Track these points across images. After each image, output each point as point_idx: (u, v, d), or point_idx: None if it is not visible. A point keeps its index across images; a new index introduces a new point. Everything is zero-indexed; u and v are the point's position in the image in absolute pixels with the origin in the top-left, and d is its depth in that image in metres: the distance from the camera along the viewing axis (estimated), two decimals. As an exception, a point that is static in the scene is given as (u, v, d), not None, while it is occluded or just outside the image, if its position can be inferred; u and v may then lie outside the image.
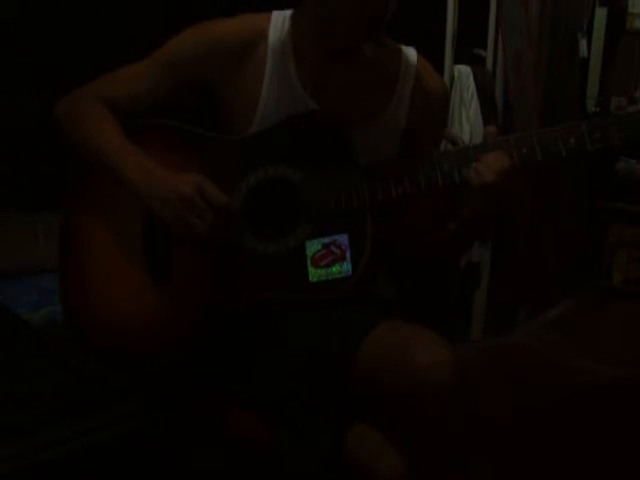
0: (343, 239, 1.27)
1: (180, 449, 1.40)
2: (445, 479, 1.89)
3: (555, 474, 2.07)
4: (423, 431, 1.19)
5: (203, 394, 1.36)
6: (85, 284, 1.38)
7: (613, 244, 3.74)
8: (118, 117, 1.37)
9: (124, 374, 1.44)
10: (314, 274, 1.26)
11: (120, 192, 1.33)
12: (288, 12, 1.38)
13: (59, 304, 1.41)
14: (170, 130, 1.40)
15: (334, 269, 1.26)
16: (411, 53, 1.41)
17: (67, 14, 1.98)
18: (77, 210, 1.42)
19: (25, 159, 1.91)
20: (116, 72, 1.41)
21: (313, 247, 1.27)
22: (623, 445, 2.22)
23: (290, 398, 1.24)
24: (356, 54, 1.35)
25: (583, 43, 3.31)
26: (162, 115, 1.40)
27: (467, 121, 2.75)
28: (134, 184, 1.29)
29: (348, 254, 1.26)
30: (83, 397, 1.27)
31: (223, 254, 1.31)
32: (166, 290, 1.33)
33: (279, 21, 1.37)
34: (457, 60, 2.78)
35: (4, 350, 1.36)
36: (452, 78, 2.75)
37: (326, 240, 1.27)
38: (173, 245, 1.34)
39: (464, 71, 2.78)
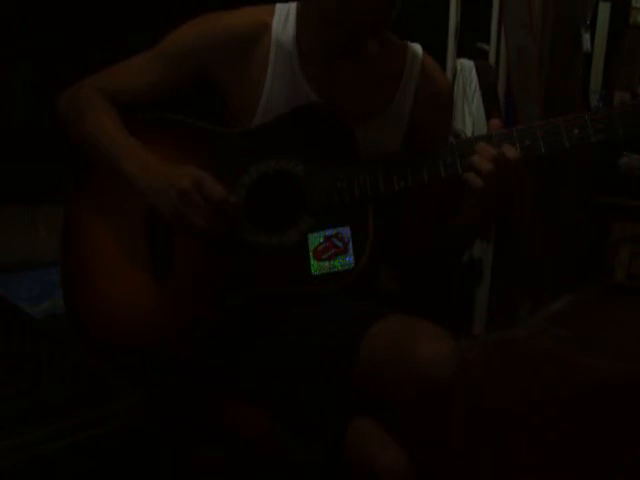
0: (346, 232, 1.26)
1: (180, 448, 1.40)
2: (447, 474, 1.89)
3: (557, 469, 2.07)
4: (425, 426, 1.19)
5: (203, 391, 1.36)
6: (86, 279, 1.38)
7: (616, 239, 3.74)
8: (120, 110, 1.36)
9: (124, 369, 1.43)
10: (316, 267, 1.26)
11: (121, 186, 1.33)
12: (292, 5, 1.37)
13: (60, 298, 1.40)
14: (172, 123, 1.39)
15: (336, 262, 1.25)
16: (416, 50, 1.40)
17: (68, 10, 1.97)
18: (78, 204, 1.42)
19: (25, 152, 1.90)
20: (119, 65, 1.40)
21: (315, 240, 1.27)
22: (625, 440, 2.22)
23: (291, 393, 1.24)
24: (361, 50, 1.34)
25: (586, 37, 3.30)
26: (164, 108, 1.40)
27: (470, 115, 2.74)
28: (134, 177, 1.29)
29: (351, 247, 1.25)
30: (83, 391, 1.26)
31: (225, 248, 1.31)
32: (167, 285, 1.33)
33: (283, 14, 1.36)
34: (460, 54, 2.77)
35: (3, 343, 1.35)
36: (455, 72, 2.74)
37: (328, 233, 1.26)
38: (174, 239, 1.33)
39: (467, 65, 2.78)
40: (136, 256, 1.35)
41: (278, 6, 1.38)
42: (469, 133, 2.69)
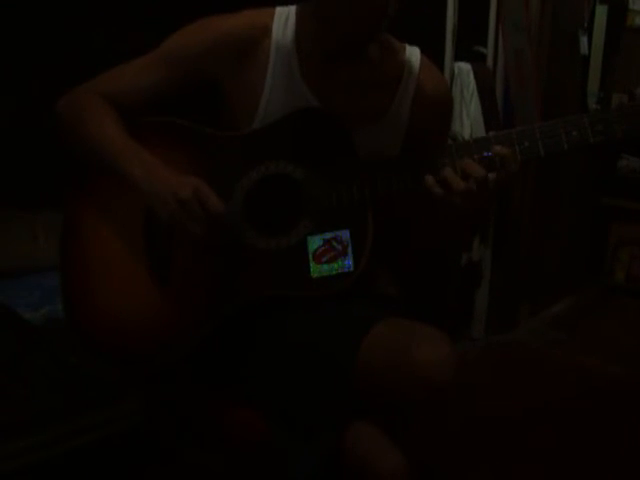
0: (345, 234, 1.26)
1: (179, 449, 1.39)
2: (445, 477, 1.88)
3: (558, 472, 2.06)
4: (424, 429, 1.19)
5: (203, 394, 1.35)
6: (86, 283, 1.38)
7: (615, 242, 3.74)
8: (121, 113, 1.36)
9: (124, 372, 1.43)
10: (316, 270, 1.26)
11: (122, 190, 1.33)
12: (292, 8, 1.38)
13: (59, 303, 1.40)
14: (172, 126, 1.39)
15: (336, 265, 1.25)
16: (415, 53, 1.40)
17: (64, 12, 1.97)
18: (78, 207, 1.42)
19: (25, 157, 1.90)
20: (118, 68, 1.40)
21: (315, 243, 1.27)
22: (626, 441, 2.22)
23: (290, 396, 1.24)
24: (359, 53, 1.35)
25: (584, 40, 3.30)
26: (165, 112, 1.40)
27: (467, 118, 2.74)
28: (136, 180, 1.29)
29: (350, 249, 1.25)
30: (82, 396, 1.26)
31: (224, 251, 1.31)
32: (167, 288, 1.33)
33: (283, 17, 1.36)
34: (457, 57, 2.77)
35: (3, 348, 1.35)
36: (452, 75, 2.74)
37: (328, 236, 1.27)
38: (174, 243, 1.33)
39: (464, 68, 2.78)
40: (136, 259, 1.35)
41: (278, 9, 1.38)
42: (467, 136, 2.69)
